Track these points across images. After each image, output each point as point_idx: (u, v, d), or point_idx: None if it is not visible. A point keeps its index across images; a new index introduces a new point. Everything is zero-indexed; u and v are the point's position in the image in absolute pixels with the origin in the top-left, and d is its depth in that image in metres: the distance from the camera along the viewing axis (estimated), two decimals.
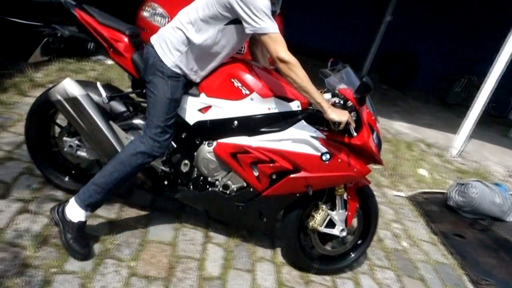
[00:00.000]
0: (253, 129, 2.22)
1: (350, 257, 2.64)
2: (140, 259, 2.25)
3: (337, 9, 9.16)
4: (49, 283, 1.94)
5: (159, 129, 2.10)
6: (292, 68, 1.96)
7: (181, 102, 2.21)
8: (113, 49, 2.27)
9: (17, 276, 1.92)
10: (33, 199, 2.43)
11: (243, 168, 2.25)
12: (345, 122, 2.06)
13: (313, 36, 9.01)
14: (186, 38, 2.08)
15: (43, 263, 2.04)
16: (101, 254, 2.20)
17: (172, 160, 2.36)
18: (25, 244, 2.09)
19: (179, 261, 2.32)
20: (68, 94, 2.20)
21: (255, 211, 2.39)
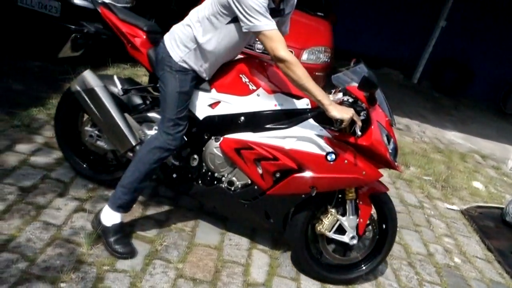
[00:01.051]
0: (259, 126, 2.19)
1: (360, 269, 2.48)
2: (187, 261, 2.30)
3: (389, 14, 8.94)
4: (102, 280, 2.02)
5: (171, 122, 2.15)
6: (290, 67, 1.93)
7: (193, 97, 2.25)
8: (131, 44, 2.37)
9: (72, 271, 2.01)
10: (88, 199, 2.54)
11: (247, 164, 2.23)
12: (348, 120, 1.95)
13: (364, 41, 8.85)
14: (194, 36, 2.12)
15: (96, 261, 2.12)
16: (150, 255, 2.26)
17: (182, 154, 2.41)
18: (80, 242, 2.18)
19: (225, 266, 2.35)
20: (86, 85, 2.32)
21: (261, 210, 2.34)
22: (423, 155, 4.88)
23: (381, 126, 2.10)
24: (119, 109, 2.36)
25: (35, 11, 4.04)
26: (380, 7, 8.90)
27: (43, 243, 2.13)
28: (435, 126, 6.40)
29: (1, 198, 2.32)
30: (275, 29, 1.94)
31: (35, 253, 2.05)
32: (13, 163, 2.62)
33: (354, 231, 2.32)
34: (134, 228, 2.42)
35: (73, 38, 2.48)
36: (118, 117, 2.33)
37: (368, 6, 8.86)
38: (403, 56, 9.11)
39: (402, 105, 6.98)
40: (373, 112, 2.10)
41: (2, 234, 2.11)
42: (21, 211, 2.30)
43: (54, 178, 2.62)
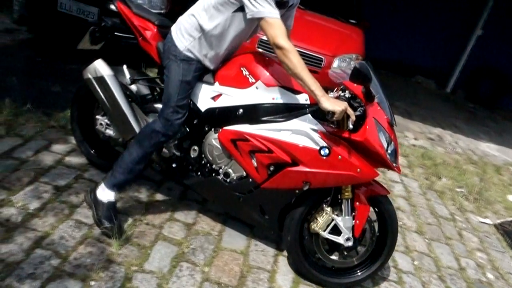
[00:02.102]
0: (256, 118, 2.19)
1: (355, 275, 2.40)
2: (213, 265, 2.31)
3: (423, 22, 8.77)
4: (130, 280, 2.06)
5: (170, 109, 2.22)
6: (287, 54, 1.92)
7: (196, 89, 2.31)
8: (142, 37, 2.44)
9: (102, 270, 2.05)
10: (119, 199, 2.58)
11: (242, 156, 2.24)
12: (340, 113, 1.90)
13: (397, 49, 8.70)
14: (199, 24, 2.15)
15: (125, 261, 2.16)
16: (177, 257, 2.29)
17: (183, 145, 2.46)
18: (110, 241, 2.24)
19: (250, 271, 2.35)
20: (97, 73, 2.42)
21: (255, 205, 2.33)
22: (455, 166, 4.75)
23: (378, 123, 2.04)
24: (126, 98, 2.45)
25: (73, 16, 4.18)
26: (414, 15, 8.74)
27: (75, 242, 2.19)
28: (468, 137, 6.23)
29: (37, 196, 2.40)
30: (278, 18, 1.95)
31: (67, 251, 2.12)
32: (49, 163, 2.72)
33: (349, 232, 2.25)
34: (162, 230, 2.46)
35: (91, 31, 2.58)
36: (124, 105, 2.42)
37: (402, 14, 8.72)
38: (437, 65, 8.91)
39: (434, 114, 6.84)
40: (370, 108, 2.05)
41: (37, 231, 2.18)
42: (55, 209, 2.37)
43: (87, 178, 2.70)
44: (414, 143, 5.19)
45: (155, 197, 2.73)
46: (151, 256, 2.24)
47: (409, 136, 5.39)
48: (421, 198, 3.79)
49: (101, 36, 2.60)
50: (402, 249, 2.95)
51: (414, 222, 3.35)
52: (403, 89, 7.96)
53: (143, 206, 2.61)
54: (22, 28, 5.02)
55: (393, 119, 2.16)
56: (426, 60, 8.91)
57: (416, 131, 5.74)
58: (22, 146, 2.82)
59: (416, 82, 8.94)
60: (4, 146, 2.76)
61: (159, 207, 2.65)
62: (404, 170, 4.28)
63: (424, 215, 3.50)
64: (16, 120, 3.05)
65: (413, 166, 4.43)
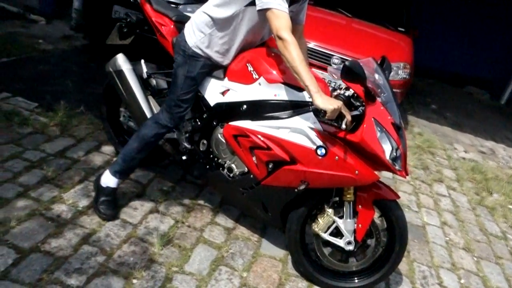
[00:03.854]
0: (258, 114, 2.16)
1: (351, 281, 2.32)
2: (252, 271, 2.32)
3: (476, 30, 8.45)
4: (170, 281, 2.10)
5: (173, 102, 2.30)
6: (287, 46, 1.89)
7: (207, 84, 2.36)
8: (160, 32, 2.52)
9: (144, 269, 2.11)
10: (163, 201, 2.66)
11: (243, 152, 2.23)
12: (332, 111, 1.82)
13: (448, 58, 8.43)
14: (210, 20, 2.16)
15: (166, 261, 2.21)
16: (216, 261, 2.32)
17: (194, 138, 2.51)
18: (153, 241, 2.30)
19: (289, 279, 2.34)
20: (117, 67, 2.56)
21: (258, 201, 2.33)
22: (508, 182, 4.51)
23: (378, 124, 1.94)
24: (143, 90, 2.57)
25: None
26: (467, 23, 8.44)
27: (120, 240, 2.27)
28: None
29: (86, 195, 2.51)
30: (285, 12, 1.93)
31: (112, 249, 2.19)
32: (99, 163, 2.83)
33: (351, 236, 2.18)
34: (203, 233, 2.50)
35: (118, 26, 2.70)
36: (140, 97, 2.54)
37: (453, 22, 8.44)
38: (491, 75, 8.53)
39: (487, 126, 6.54)
40: (370, 108, 1.96)
41: (85, 228, 2.28)
42: None
43: (133, 180, 2.79)
44: (464, 156, 4.99)
45: (197, 200, 2.77)
46: (191, 258, 2.29)
47: (458, 149, 5.19)
48: (470, 214, 3.63)
49: (129, 31, 2.71)
50: (448, 266, 2.83)
51: (461, 238, 3.21)
52: (453, 99, 7.68)
53: (185, 209, 2.66)
54: (79, 35, 5.29)
55: (400, 120, 2.04)
56: (479, 70, 8.56)
57: (466, 143, 5.52)
58: (74, 146, 2.96)
59: (467, 92, 8.60)
60: (58, 146, 2.91)
61: (201, 210, 2.69)
62: (453, 184, 4.12)
63: (473, 232, 3.35)
64: (69, 121, 3.21)
65: (462, 180, 4.25)
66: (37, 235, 2.14)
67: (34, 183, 2.49)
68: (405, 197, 3.57)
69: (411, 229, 3.10)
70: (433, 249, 2.96)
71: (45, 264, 1.99)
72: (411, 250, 2.88)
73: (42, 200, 2.38)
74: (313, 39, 4.41)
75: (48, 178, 2.56)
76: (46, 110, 3.28)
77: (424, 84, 8.08)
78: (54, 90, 3.70)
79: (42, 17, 5.54)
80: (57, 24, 5.61)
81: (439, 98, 7.43)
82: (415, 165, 4.26)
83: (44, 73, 4.02)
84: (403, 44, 5.12)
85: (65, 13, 5.79)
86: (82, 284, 1.94)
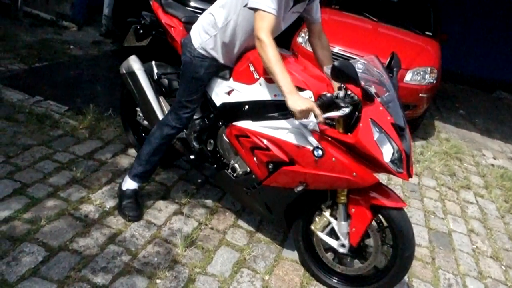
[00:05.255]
0: (259, 115, 2.16)
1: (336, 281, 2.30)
2: (274, 274, 2.33)
3: (506, 33, 8.21)
4: (193, 282, 2.14)
5: (180, 103, 2.35)
6: (263, 47, 1.91)
7: (213, 84, 2.39)
8: (169, 34, 2.56)
9: (167, 270, 2.15)
10: (187, 203, 2.71)
11: (245, 152, 2.23)
12: (301, 112, 1.82)
13: (477, 63, 8.23)
14: (215, 21, 2.18)
15: (189, 262, 2.25)
16: (238, 263, 2.34)
17: (202, 137, 2.57)
18: (176, 243, 2.34)
19: (310, 283, 2.33)
20: (129, 68, 2.65)
21: (261, 201, 2.34)
22: None
23: (376, 125, 1.86)
24: (154, 91, 2.65)
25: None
26: (496, 27, 8.22)
27: (145, 240, 2.32)
28: None
29: (113, 196, 2.57)
30: (272, 14, 1.93)
31: (137, 249, 2.24)
32: (125, 165, 2.90)
33: (345, 238, 2.13)
34: (226, 235, 2.52)
35: (134, 29, 2.77)
36: (152, 98, 2.63)
37: (482, 26, 8.24)
38: None
39: None
40: (368, 109, 1.88)
41: (111, 228, 2.34)
42: None
43: (158, 182, 2.85)
44: (492, 162, 4.86)
45: (220, 203, 2.81)
46: (214, 260, 2.31)
47: (487, 155, 5.06)
48: (499, 222, 3.54)
49: (145, 33, 2.76)
50: (475, 275, 2.77)
51: (489, 246, 3.13)
52: (483, 105, 7.49)
53: (209, 211, 2.70)
54: (108, 40, 5.44)
55: (404, 120, 1.97)
56: (509, 74, 8.32)
57: (495, 149, 5.37)
58: (102, 148, 3.05)
59: (497, 98, 8.37)
60: (87, 148, 3.00)
61: (224, 213, 2.72)
62: (481, 191, 4.02)
63: (501, 240, 3.26)
64: (98, 124, 3.31)
65: (490, 187, 4.14)
66: (66, 234, 2.21)
67: (64, 183, 2.58)
68: (431, 204, 3.50)
69: (436, 236, 3.06)
70: (459, 257, 2.90)
71: (73, 262, 2.06)
72: (436, 257, 2.83)
73: (70, 200, 2.46)
74: (338, 44, 4.40)
75: (76, 179, 2.65)
76: (76, 114, 3.40)
77: (454, 90, 7.92)
78: (84, 94, 3.83)
79: (73, 24, 5.74)
80: (88, 30, 5.80)
81: (468, 103, 7.27)
82: (441, 171, 4.18)
83: (75, 78, 4.16)
84: (430, 49, 5.04)
85: (95, 19, 5.98)
86: (107, 283, 1.99)
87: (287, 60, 2.19)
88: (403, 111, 1.99)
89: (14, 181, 2.49)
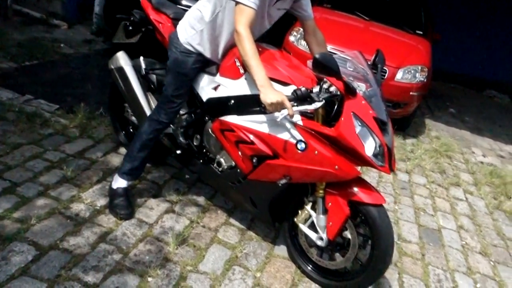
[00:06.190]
0: (244, 109, 2.17)
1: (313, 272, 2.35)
2: (265, 271, 2.34)
3: (496, 33, 8.29)
4: (185, 279, 2.14)
5: (166, 98, 2.37)
6: (241, 40, 1.95)
7: (200, 80, 2.41)
8: (158, 30, 2.58)
9: (159, 268, 2.16)
10: (178, 201, 2.71)
11: (230, 146, 2.25)
12: (271, 105, 1.85)
13: (468, 62, 8.29)
14: (202, 16, 2.19)
15: (181, 260, 2.25)
16: (230, 260, 2.34)
17: (188, 132, 2.58)
18: (168, 241, 2.34)
19: (302, 280, 2.35)
20: (117, 64, 2.66)
21: (246, 195, 2.36)
22: None
23: (358, 118, 1.88)
24: (142, 87, 2.67)
25: None
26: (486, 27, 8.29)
27: (136, 239, 2.32)
28: None
29: (104, 194, 2.57)
30: (252, 9, 1.96)
31: (128, 247, 2.24)
32: (116, 164, 2.90)
33: (323, 232, 2.15)
34: (217, 233, 2.53)
35: (123, 25, 2.77)
36: (139, 93, 2.64)
37: (473, 25, 8.31)
38: (511, 79, 8.36)
39: (507, 130, 6.42)
40: (350, 102, 1.90)
41: (102, 227, 2.33)
42: None
43: (149, 180, 2.85)
44: (482, 160, 4.91)
45: (212, 201, 2.81)
46: (205, 257, 2.32)
47: (476, 153, 5.11)
48: (487, 218, 3.58)
49: (135, 30, 2.76)
50: (464, 270, 2.80)
51: (478, 242, 3.17)
52: (473, 103, 7.56)
53: (201, 209, 2.70)
54: (99, 39, 5.41)
55: (387, 114, 1.98)
56: (499, 73, 8.40)
57: (485, 147, 5.43)
58: (93, 147, 3.04)
59: (487, 96, 8.46)
60: (78, 146, 2.99)
61: (216, 211, 2.73)
62: (470, 188, 4.07)
63: (490, 236, 3.30)
64: (89, 123, 3.30)
65: (480, 184, 4.19)
66: (56, 233, 2.21)
67: (54, 182, 2.57)
68: (421, 201, 3.54)
69: (426, 232, 3.09)
70: (449, 253, 2.93)
71: (64, 261, 2.05)
72: (426, 253, 2.86)
73: (61, 199, 2.45)
74: (330, 43, 4.39)
75: (67, 178, 2.64)
76: (67, 112, 3.38)
77: (444, 88, 7.98)
78: (75, 92, 3.81)
79: (64, 22, 5.70)
80: (79, 29, 5.76)
81: (458, 102, 7.33)
82: (431, 168, 4.22)
83: (65, 76, 4.14)
84: (420, 47, 5.08)
85: (86, 18, 5.93)
86: (98, 281, 1.99)
87: (273, 55, 2.21)
88: (386, 106, 2.02)
89: (4, 180, 2.48)
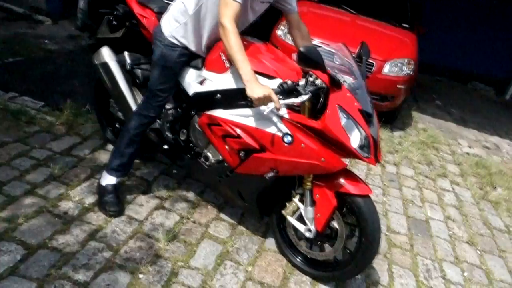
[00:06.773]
0: (230, 103, 2.17)
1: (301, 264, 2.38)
2: (257, 265, 2.35)
3: (481, 27, 8.40)
4: (176, 275, 2.14)
5: (152, 92, 2.35)
6: (226, 34, 1.95)
7: (185, 74, 2.39)
8: (142, 25, 2.55)
9: (150, 264, 2.15)
10: (168, 198, 2.70)
11: (216, 140, 2.26)
12: (258, 100, 1.86)
13: (453, 55, 8.39)
14: (186, 9, 2.18)
15: (172, 256, 2.25)
16: (221, 255, 2.35)
17: (175, 127, 2.57)
18: (159, 237, 2.33)
19: (293, 273, 2.36)
20: (102, 59, 2.63)
21: (234, 188, 2.37)
22: None
23: (343, 111, 1.89)
24: (127, 81, 2.64)
25: None
26: (472, 20, 8.38)
27: (126, 236, 2.30)
28: None
29: (93, 192, 2.55)
30: (237, 2, 1.95)
31: (119, 244, 2.23)
32: (104, 161, 2.87)
33: (311, 224, 2.16)
34: (208, 228, 2.53)
35: (107, 19, 2.74)
36: (124, 88, 2.63)
37: (459, 19, 8.39)
38: (496, 71, 8.48)
39: (492, 122, 6.52)
40: (335, 95, 1.91)
41: (92, 224, 2.31)
42: None
43: (139, 176, 2.83)
44: (468, 151, 4.98)
45: (202, 197, 2.81)
46: (196, 253, 2.32)
47: (462, 144, 5.18)
48: (474, 208, 3.64)
49: (119, 24, 2.71)
50: (452, 260, 2.85)
51: (465, 232, 3.22)
52: (458, 96, 7.66)
53: (191, 205, 2.69)
54: (84, 34, 5.32)
55: (372, 106, 2.01)
56: (484, 66, 8.51)
57: (470, 139, 5.51)
58: (80, 144, 3.01)
59: (472, 88, 8.58)
60: (64, 144, 2.96)
61: (206, 206, 2.72)
62: (456, 178, 4.12)
63: (476, 226, 3.36)
64: (75, 120, 3.26)
65: (466, 174, 4.25)
66: (45, 231, 2.18)
67: (41, 180, 2.54)
68: (409, 192, 3.58)
69: (415, 223, 3.13)
70: (437, 243, 2.98)
71: (53, 259, 2.03)
72: (415, 244, 2.90)
73: (49, 197, 2.42)
74: (317, 36, 4.41)
75: (54, 175, 2.61)
76: (53, 109, 3.33)
77: (430, 81, 8.07)
78: (60, 89, 3.75)
79: (48, 18, 5.60)
80: (63, 24, 5.67)
81: (444, 94, 7.42)
82: (419, 160, 4.27)
83: (51, 73, 4.07)
84: (407, 40, 5.12)
85: (71, 13, 5.83)
86: (89, 279, 1.98)
87: (258, 49, 2.19)
88: (370, 98, 2.03)
89: None
